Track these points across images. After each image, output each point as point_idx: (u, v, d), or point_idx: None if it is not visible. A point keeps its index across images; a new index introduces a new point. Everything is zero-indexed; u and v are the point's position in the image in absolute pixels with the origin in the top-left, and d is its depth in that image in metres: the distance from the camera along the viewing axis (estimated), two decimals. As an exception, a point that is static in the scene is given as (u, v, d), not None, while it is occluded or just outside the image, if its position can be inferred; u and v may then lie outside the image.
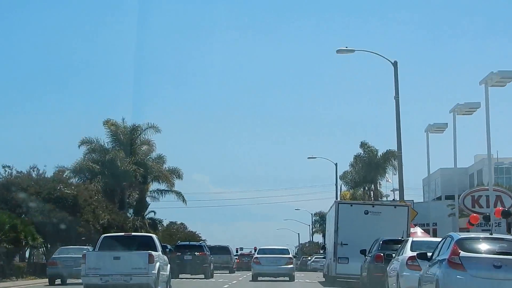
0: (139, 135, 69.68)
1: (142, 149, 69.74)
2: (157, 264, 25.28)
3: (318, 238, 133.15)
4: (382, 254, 27.83)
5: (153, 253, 25.27)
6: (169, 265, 27.88)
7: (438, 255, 18.08)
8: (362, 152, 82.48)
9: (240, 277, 49.43)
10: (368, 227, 35.43)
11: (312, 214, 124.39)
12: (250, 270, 47.91)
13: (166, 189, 72.37)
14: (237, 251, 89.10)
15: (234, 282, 40.22)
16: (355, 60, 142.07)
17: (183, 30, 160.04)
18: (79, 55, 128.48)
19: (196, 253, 48.22)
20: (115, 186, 66.10)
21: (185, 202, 72.95)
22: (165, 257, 27.36)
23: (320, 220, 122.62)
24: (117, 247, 26.01)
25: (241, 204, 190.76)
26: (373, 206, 37.73)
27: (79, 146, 67.18)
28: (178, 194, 73.05)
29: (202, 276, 47.03)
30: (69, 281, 38.74)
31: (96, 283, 24.78)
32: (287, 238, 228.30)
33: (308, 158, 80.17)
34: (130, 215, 68.72)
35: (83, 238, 48.73)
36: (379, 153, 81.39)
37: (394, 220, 35.70)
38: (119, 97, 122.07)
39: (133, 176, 65.98)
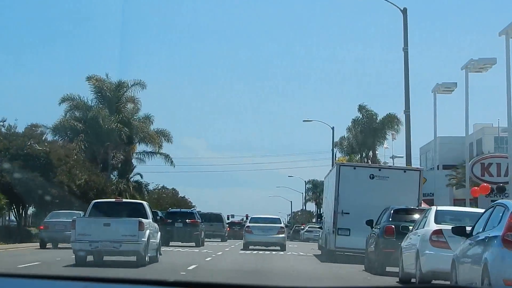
0: (125, 92, 66.71)
1: (128, 107, 67.11)
2: (147, 232, 25.26)
3: (310, 206, 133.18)
4: (393, 226, 24.60)
5: (144, 220, 25.26)
6: (159, 232, 27.83)
7: (483, 230, 14.18)
8: (361, 116, 79.14)
9: (228, 247, 47.29)
10: (373, 193, 31.57)
11: (305, 181, 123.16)
12: (241, 239, 48.39)
13: (153, 151, 70.25)
14: (228, 218, 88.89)
15: (219, 253, 36.90)
16: (360, 5, 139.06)
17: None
18: (62, 8, 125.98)
19: (187, 220, 47.75)
20: (98, 146, 63.68)
21: (174, 166, 71.21)
22: (156, 225, 27.43)
23: (313, 188, 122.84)
24: (107, 214, 25.86)
25: (233, 170, 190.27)
26: (379, 170, 33.70)
27: (59, 104, 64.52)
28: (166, 157, 70.88)
29: (193, 244, 46.49)
30: (60, 245, 39.26)
31: (85, 249, 24.68)
32: (279, 205, 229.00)
33: (304, 121, 78.33)
34: (114, 178, 67.02)
35: (56, 200, 45.94)
36: (379, 118, 78.18)
37: (403, 186, 32.17)
38: (104, 53, 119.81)
39: (118, 135, 63.17)
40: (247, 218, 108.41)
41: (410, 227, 22.05)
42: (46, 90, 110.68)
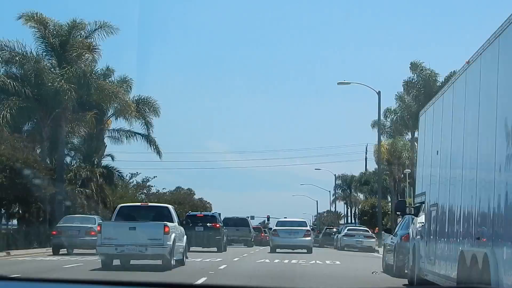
0: (85, 38, 51.02)
1: (85, 58, 50.87)
2: (173, 235, 26.18)
3: (339, 207, 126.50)
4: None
5: (169, 224, 26.20)
6: (185, 236, 28.59)
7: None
8: (415, 77, 64.14)
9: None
10: None
11: (335, 175, 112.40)
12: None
13: (131, 130, 57.32)
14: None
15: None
16: None
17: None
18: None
19: (208, 224, 47.67)
20: (42, 115, 49.26)
21: (160, 155, 58.17)
22: (182, 228, 28.56)
23: (342, 185, 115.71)
24: (133, 218, 26.83)
25: (254, 171, 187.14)
26: None
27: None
28: (147, 139, 57.92)
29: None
30: (75, 251, 39.18)
31: (111, 253, 25.41)
32: (304, 206, 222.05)
33: (339, 83, 60.06)
34: (75, 161, 57.05)
35: None
36: (440, 79, 62.17)
37: None
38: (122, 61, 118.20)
39: (70, 100, 47.93)
40: (268, 220, 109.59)
41: None
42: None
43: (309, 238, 47.89)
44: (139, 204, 32.29)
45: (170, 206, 28.63)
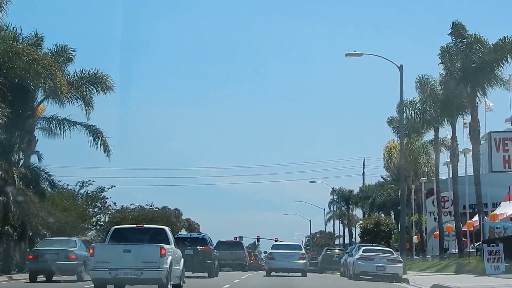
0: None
1: None
2: (169, 258, 25.56)
3: (331, 227, 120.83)
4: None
5: (165, 246, 25.51)
6: (182, 259, 27.77)
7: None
8: (455, 43, 48.65)
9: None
10: None
11: (332, 189, 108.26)
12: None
13: (70, 119, 46.89)
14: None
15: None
16: None
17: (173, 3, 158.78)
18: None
19: (198, 247, 46.17)
20: None
21: (109, 154, 48.01)
22: (179, 251, 28.07)
23: (339, 201, 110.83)
24: (127, 240, 26.29)
25: (244, 191, 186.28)
26: None
27: None
28: (90, 130, 47.25)
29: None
30: (55, 277, 37.40)
31: (104, 277, 24.42)
32: (295, 226, 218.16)
33: (347, 55, 46.36)
34: None
35: None
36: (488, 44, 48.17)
37: None
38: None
39: None
40: (258, 241, 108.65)
41: None
42: None
43: (304, 261, 50.03)
44: (133, 226, 31.35)
45: (166, 228, 27.79)
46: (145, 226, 31.56)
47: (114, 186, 69.36)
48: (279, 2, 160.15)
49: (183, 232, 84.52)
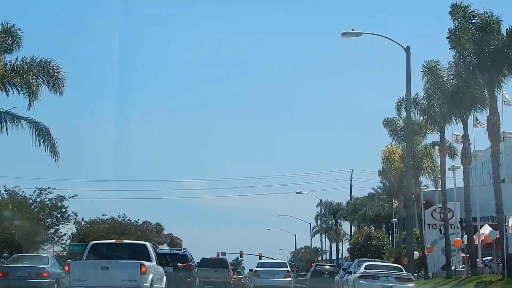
0: None
1: None
2: (150, 276, 24.64)
3: (317, 242, 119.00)
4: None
5: (146, 263, 24.58)
6: (165, 277, 26.56)
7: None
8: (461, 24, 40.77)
9: None
10: None
11: (320, 200, 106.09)
12: None
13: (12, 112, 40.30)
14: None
15: None
16: None
17: (165, 21, 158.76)
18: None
19: (178, 264, 44.76)
20: None
21: (56, 157, 41.26)
22: (161, 268, 26.93)
23: (327, 214, 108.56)
24: (105, 256, 25.20)
25: (227, 207, 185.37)
26: None
27: None
28: (36, 127, 40.67)
29: None
30: None
31: (80, 296, 23.33)
32: (279, 242, 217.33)
33: (344, 34, 43.20)
34: None
35: None
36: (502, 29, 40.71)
37: None
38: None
39: None
40: (241, 256, 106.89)
41: None
42: None
43: (289, 279, 51.58)
44: (113, 241, 30.08)
45: (148, 244, 26.77)
46: (125, 241, 30.39)
47: (76, 195, 63.33)
48: (270, 20, 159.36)
49: (165, 248, 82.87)
